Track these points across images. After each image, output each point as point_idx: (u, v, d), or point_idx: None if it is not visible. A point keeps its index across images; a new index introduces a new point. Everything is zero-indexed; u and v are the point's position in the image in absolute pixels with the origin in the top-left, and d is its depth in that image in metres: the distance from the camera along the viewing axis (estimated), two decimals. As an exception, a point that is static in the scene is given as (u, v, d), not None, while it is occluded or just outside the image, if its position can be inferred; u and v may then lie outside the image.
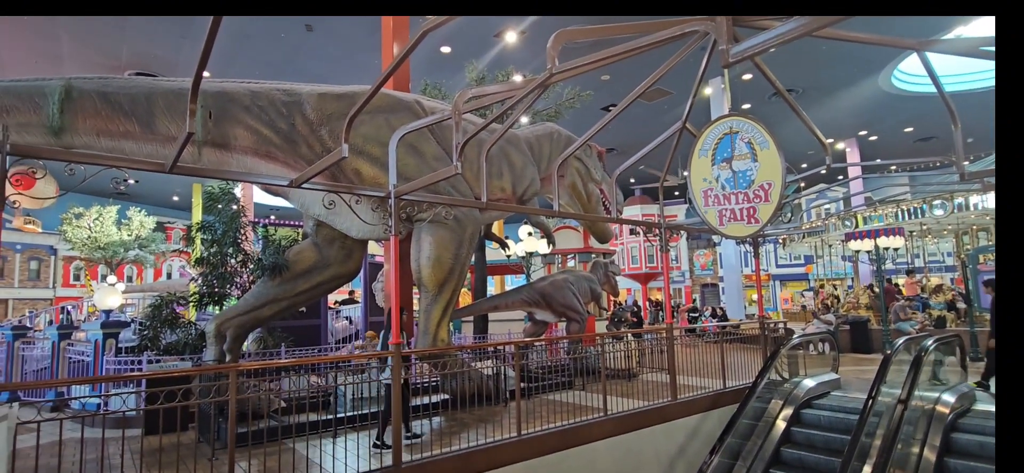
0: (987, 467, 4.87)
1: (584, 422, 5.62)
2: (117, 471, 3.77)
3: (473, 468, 4.62)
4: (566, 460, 5.32)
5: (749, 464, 6.03)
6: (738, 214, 5.73)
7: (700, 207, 6.16)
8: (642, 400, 6.59)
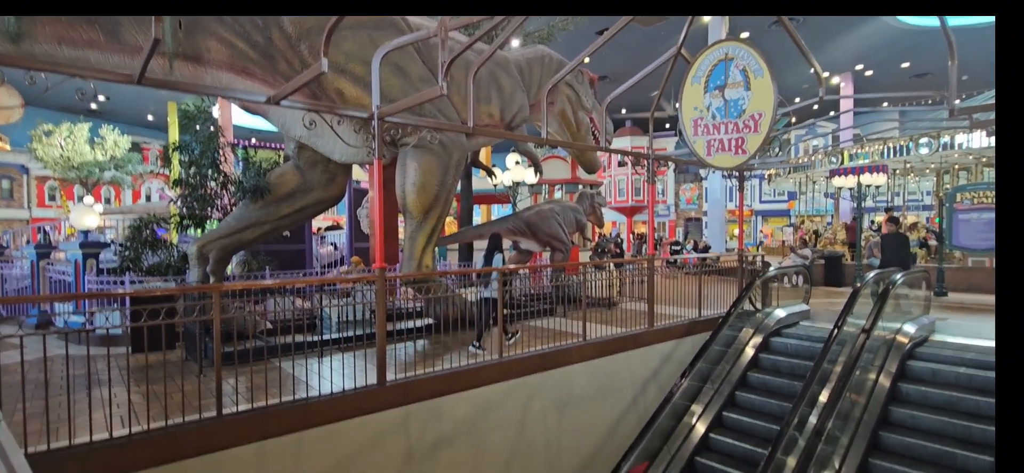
0: (936, 391, 5.24)
1: (563, 346, 5.84)
2: (105, 386, 3.86)
3: (455, 387, 4.82)
4: (545, 381, 5.58)
5: (717, 386, 6.40)
6: (726, 145, 5.71)
7: (689, 136, 6.12)
8: (620, 327, 6.85)
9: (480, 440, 5.06)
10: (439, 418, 4.73)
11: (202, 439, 3.51)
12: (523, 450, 5.43)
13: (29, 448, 2.97)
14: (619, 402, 6.44)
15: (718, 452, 5.75)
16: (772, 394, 6.07)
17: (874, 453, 4.92)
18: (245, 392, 4.14)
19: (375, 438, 4.32)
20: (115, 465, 3.20)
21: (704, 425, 6.05)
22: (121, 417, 3.64)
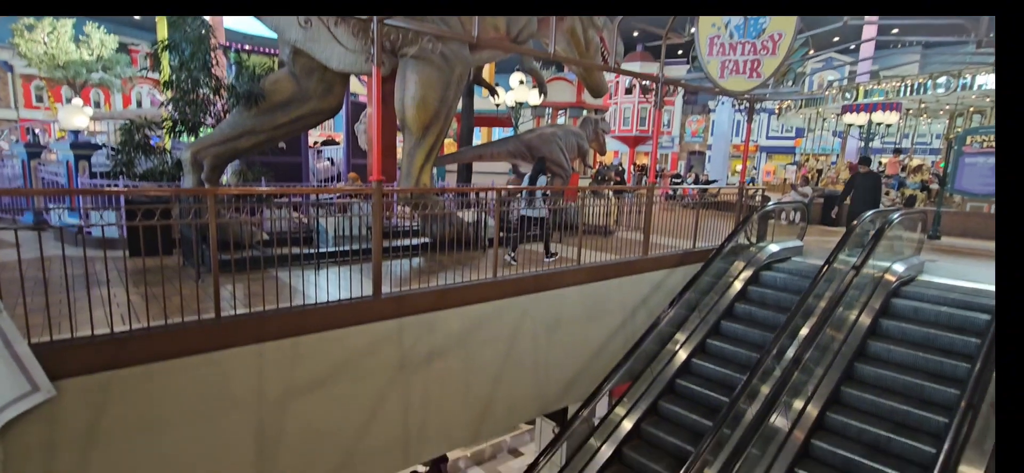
0: (915, 328, 5.39)
1: (557, 270, 5.92)
2: (104, 286, 3.93)
3: (448, 303, 4.92)
4: (537, 302, 5.71)
5: (704, 315, 6.58)
6: (741, 66, 5.49)
7: (703, 56, 5.87)
8: (615, 254, 6.92)
9: (471, 354, 5.26)
10: (432, 331, 4.88)
11: (202, 339, 3.62)
12: (512, 365, 5.67)
13: (31, 339, 3.06)
14: (607, 326, 6.65)
15: (699, 376, 6.02)
16: (756, 324, 6.26)
17: (847, 382, 5.15)
18: (243, 298, 4.23)
19: (370, 347, 4.48)
20: (117, 358, 3.32)
21: (687, 351, 6.28)
22: (121, 315, 3.74)
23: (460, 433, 5.62)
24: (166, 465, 3.63)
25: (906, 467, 4.28)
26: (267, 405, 4.01)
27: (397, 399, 4.79)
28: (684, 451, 5.07)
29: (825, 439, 4.69)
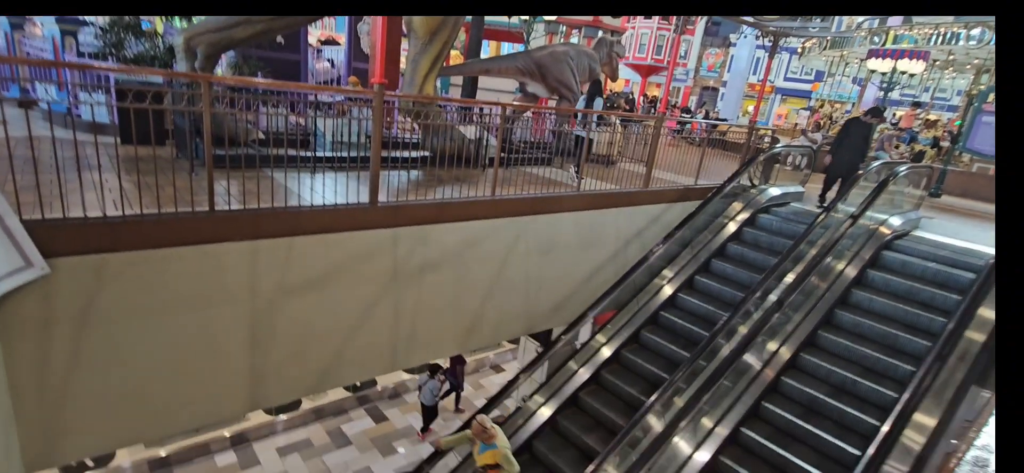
0: (899, 281, 5.48)
1: (556, 194, 5.88)
2: (95, 171, 3.87)
3: (444, 217, 4.92)
4: (532, 224, 5.72)
5: (696, 252, 6.65)
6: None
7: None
8: (615, 184, 6.86)
9: (463, 270, 5.33)
10: (426, 244, 4.91)
11: (196, 230, 3.61)
12: (503, 285, 5.77)
13: (22, 216, 3.03)
14: (600, 254, 6.71)
15: (683, 310, 6.18)
16: (747, 265, 6.34)
17: (825, 327, 5.31)
18: (237, 195, 4.20)
19: (364, 253, 4.52)
20: (110, 242, 3.31)
21: (675, 286, 6.41)
22: (114, 201, 3.68)
23: (448, 344, 5.82)
24: (160, 351, 3.74)
25: (866, 408, 4.51)
26: (260, 301, 4.09)
27: (388, 306, 4.91)
28: (660, 378, 5.31)
29: (795, 377, 4.91)
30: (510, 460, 4.01)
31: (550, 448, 5.10)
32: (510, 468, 4.01)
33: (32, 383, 3.33)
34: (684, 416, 4.39)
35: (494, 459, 3.99)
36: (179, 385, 3.95)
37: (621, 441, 4.53)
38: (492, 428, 4.01)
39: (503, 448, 4.00)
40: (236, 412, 6.41)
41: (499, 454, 3.97)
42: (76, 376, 3.46)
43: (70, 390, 3.47)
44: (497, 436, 4.02)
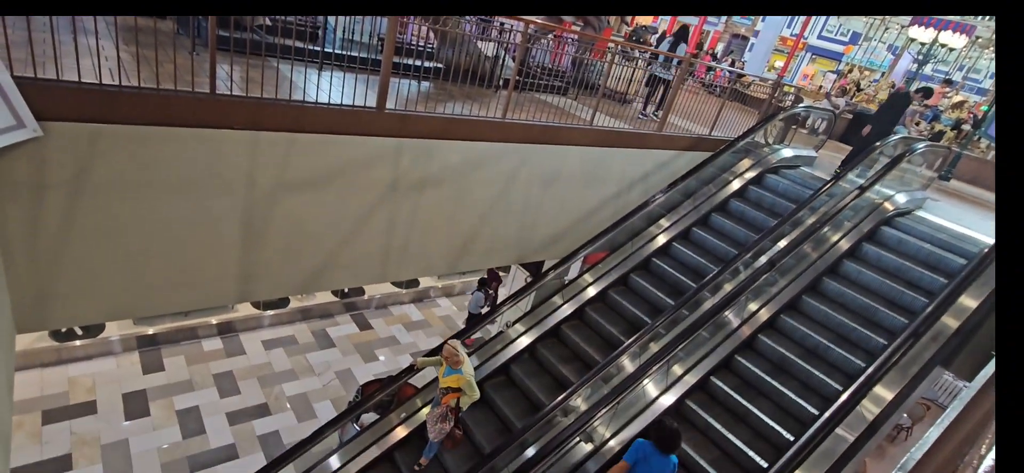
0: (891, 257, 5.62)
1: (567, 125, 5.81)
2: (91, 36, 3.76)
3: (451, 134, 4.89)
4: (539, 153, 5.70)
5: (697, 204, 6.72)
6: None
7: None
8: (627, 123, 6.78)
9: (464, 190, 5.38)
10: (430, 159, 4.91)
11: (195, 111, 3.58)
12: (501, 210, 5.85)
13: (13, 72, 2.94)
14: (602, 193, 6.76)
15: (675, 259, 6.34)
16: (746, 224, 6.44)
17: (810, 292, 5.51)
18: (239, 81, 4.13)
19: (365, 160, 4.54)
20: (106, 112, 3.27)
21: (671, 235, 6.53)
22: (110, 70, 3.63)
23: (439, 261, 5.97)
24: (153, 230, 3.80)
25: (833, 373, 4.80)
26: (257, 195, 4.13)
27: (384, 216, 4.99)
28: (641, 321, 5.54)
29: (771, 336, 5.17)
30: (472, 386, 4.23)
31: (526, 373, 5.40)
32: (471, 393, 4.24)
33: (23, 247, 3.40)
34: (658, 360, 4.64)
35: (457, 383, 4.20)
36: (170, 267, 4.07)
37: (595, 375, 4.82)
38: (462, 355, 4.21)
39: (467, 375, 4.20)
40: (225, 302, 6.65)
41: (463, 379, 4.19)
42: (68, 245, 3.55)
43: (61, 258, 3.57)
44: (464, 363, 4.23)
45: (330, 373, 8.75)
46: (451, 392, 4.26)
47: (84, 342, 7.74)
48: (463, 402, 4.29)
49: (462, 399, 4.27)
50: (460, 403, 4.31)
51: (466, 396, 4.24)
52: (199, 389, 7.83)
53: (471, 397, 4.26)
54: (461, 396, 4.26)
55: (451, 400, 4.29)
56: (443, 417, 4.38)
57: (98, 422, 6.95)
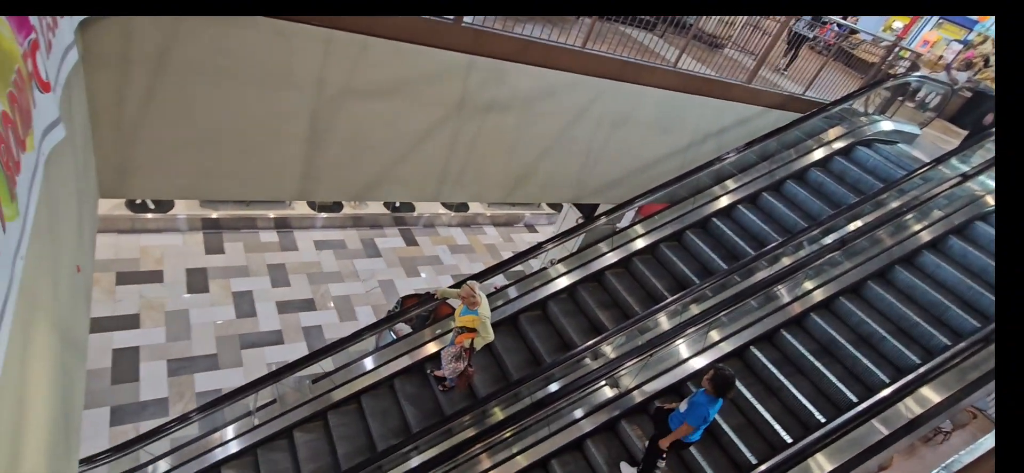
0: (977, 254, 5.50)
1: (648, 64, 5.83)
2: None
3: (525, 57, 5.05)
4: (613, 91, 5.76)
5: (773, 168, 6.69)
6: None
7: None
8: (714, 70, 6.68)
9: (529, 119, 5.60)
10: (500, 82, 5.13)
11: (277, 1, 3.90)
12: (563, 146, 6.07)
13: None
14: (671, 143, 6.83)
15: (737, 223, 6.44)
16: (822, 196, 6.41)
17: (876, 279, 5.55)
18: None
19: (435, 73, 4.83)
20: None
21: (737, 196, 6.59)
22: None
23: (494, 188, 6.34)
24: (226, 116, 4.29)
25: (882, 365, 4.95)
26: (325, 96, 4.54)
27: (446, 135, 5.32)
28: (688, 280, 5.77)
29: (824, 317, 5.33)
30: (487, 327, 4.52)
31: (563, 312, 5.82)
32: (485, 334, 4.55)
33: (109, 116, 3.93)
34: (699, 321, 4.91)
35: (473, 323, 4.50)
36: (238, 156, 4.64)
37: (631, 325, 5.16)
38: (479, 295, 4.50)
39: (483, 316, 4.49)
40: (285, 197, 7.33)
41: (478, 320, 4.49)
42: (148, 120, 4.08)
43: (142, 132, 4.12)
44: (481, 304, 4.51)
45: (374, 281, 9.60)
46: (466, 332, 4.58)
47: (155, 216, 8.85)
48: (477, 342, 4.60)
49: (476, 339, 4.58)
50: (474, 343, 4.62)
51: (480, 337, 4.55)
52: (254, 276, 8.85)
53: (485, 338, 4.57)
54: (475, 336, 4.56)
55: (465, 340, 4.61)
56: (457, 356, 4.74)
57: (163, 290, 8.08)
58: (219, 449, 5.20)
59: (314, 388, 5.48)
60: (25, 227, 2.18)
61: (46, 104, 2.50)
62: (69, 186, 2.95)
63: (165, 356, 7.21)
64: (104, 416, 6.34)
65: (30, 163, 2.31)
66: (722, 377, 3.85)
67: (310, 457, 5.03)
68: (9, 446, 1.83)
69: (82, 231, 3.58)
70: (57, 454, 2.51)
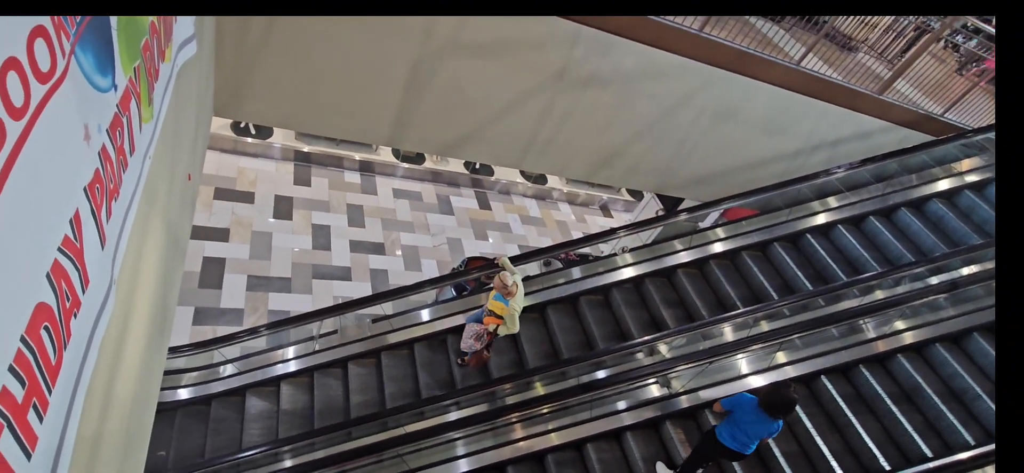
0: None
1: (768, 58, 5.65)
2: None
3: (634, 34, 5.04)
4: (723, 82, 5.64)
5: (885, 192, 6.32)
6: None
7: None
8: (841, 74, 6.36)
9: (628, 100, 5.63)
10: (605, 56, 5.18)
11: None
12: (658, 132, 6.07)
13: None
14: (777, 147, 6.62)
15: (833, 243, 6.19)
16: (939, 232, 6.00)
17: (983, 332, 5.17)
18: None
19: (539, 40, 4.97)
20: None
21: (837, 216, 6.31)
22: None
23: (579, 165, 6.50)
24: (333, 56, 4.69)
25: (969, 424, 4.65)
26: (430, 47, 4.85)
27: (540, 103, 5.49)
28: (766, 295, 5.68)
29: (912, 361, 5.08)
30: (514, 320, 4.72)
31: (625, 302, 5.94)
32: (511, 326, 4.74)
33: (233, 38, 4.41)
34: (770, 339, 4.87)
35: (502, 311, 4.72)
36: (340, 94, 5.12)
37: (693, 329, 5.21)
38: (512, 285, 4.69)
39: (514, 309, 4.70)
40: (377, 140, 7.91)
41: (507, 310, 4.70)
42: (267, 47, 4.56)
43: (260, 58, 4.61)
44: (515, 296, 4.71)
45: (443, 237, 10.18)
46: (494, 317, 4.81)
47: (255, 141, 9.91)
48: (501, 330, 4.84)
49: (501, 327, 4.81)
50: (498, 330, 4.84)
51: (506, 326, 4.78)
52: (334, 212, 9.71)
53: (511, 329, 4.78)
54: (501, 324, 4.79)
55: (491, 324, 4.84)
56: (479, 336, 4.98)
57: (253, 211, 9.10)
58: (280, 365, 5.93)
59: (373, 327, 6.07)
60: (156, 131, 2.71)
61: (184, 20, 3.04)
62: (192, 100, 3.52)
63: (246, 272, 8.18)
64: (189, 314, 7.37)
65: (166, 73, 2.84)
66: (778, 396, 3.71)
67: (360, 389, 5.61)
68: (121, 317, 2.27)
69: (197, 143, 4.23)
70: (154, 335, 3.09)
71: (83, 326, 1.73)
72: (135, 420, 2.78)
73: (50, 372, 1.48)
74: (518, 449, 4.98)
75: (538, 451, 4.96)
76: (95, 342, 1.84)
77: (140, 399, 2.85)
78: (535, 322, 5.95)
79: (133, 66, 2.10)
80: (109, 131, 1.85)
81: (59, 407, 1.56)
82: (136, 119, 2.25)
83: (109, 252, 1.95)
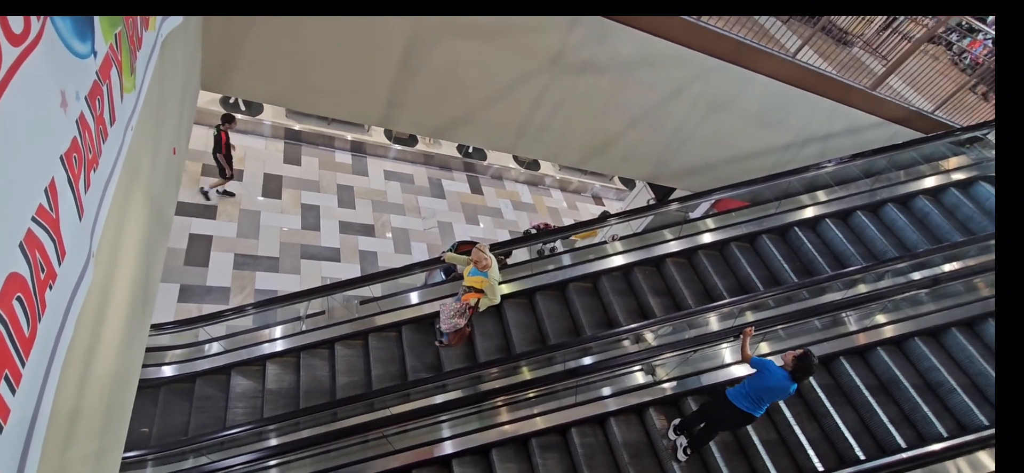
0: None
1: (763, 49, 5.65)
2: None
3: (635, 21, 5.00)
4: (719, 72, 5.63)
5: (874, 188, 6.37)
6: None
7: None
8: (836, 68, 6.36)
9: (623, 87, 5.60)
10: (601, 43, 5.14)
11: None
12: (653, 121, 6.05)
13: None
14: (769, 139, 6.64)
15: (820, 237, 6.24)
16: (924, 229, 6.06)
17: (962, 328, 5.26)
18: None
19: (535, 25, 4.91)
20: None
21: (826, 209, 6.36)
22: None
23: (573, 152, 6.47)
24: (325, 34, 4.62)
25: (943, 417, 4.75)
26: (425, 26, 4.77)
27: (535, 88, 5.44)
28: (752, 286, 5.72)
29: (891, 354, 5.16)
30: (494, 290, 4.83)
31: (614, 290, 5.96)
32: (492, 296, 4.85)
33: None
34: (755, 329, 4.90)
35: (481, 284, 4.82)
36: (332, 72, 5.04)
37: (680, 318, 5.24)
38: (488, 258, 4.80)
39: (492, 279, 4.80)
40: (369, 121, 7.81)
41: (486, 282, 4.79)
42: (255, 24, 4.46)
43: (249, 31, 4.52)
44: (491, 267, 4.81)
45: (433, 221, 10.14)
46: (473, 292, 4.90)
47: (244, 117, 9.76)
48: (482, 303, 4.92)
49: (482, 300, 4.90)
50: (479, 304, 4.93)
51: (487, 298, 4.87)
52: (324, 192, 9.62)
53: (491, 300, 4.88)
54: (482, 297, 4.88)
55: (471, 299, 4.93)
56: (460, 313, 5.06)
57: (241, 188, 8.99)
58: (267, 344, 5.89)
59: (361, 309, 6.04)
60: (138, 101, 2.64)
61: (169, -14, 2.94)
62: (178, 71, 3.44)
63: (233, 250, 8.11)
64: (174, 291, 7.30)
65: (149, 42, 2.77)
66: (808, 360, 3.87)
67: (346, 370, 5.60)
68: (100, 290, 2.23)
69: (182, 116, 4.14)
70: (136, 310, 3.04)
71: (59, 298, 1.69)
72: (115, 395, 2.75)
73: (23, 344, 1.44)
74: (504, 432, 5.00)
75: (523, 435, 4.98)
76: (72, 315, 1.80)
77: (121, 374, 2.82)
78: (523, 307, 5.95)
79: (114, 32, 2.03)
80: (88, 99, 1.79)
81: (33, 379, 1.53)
82: (117, 88, 2.19)
83: (87, 224, 1.91)
